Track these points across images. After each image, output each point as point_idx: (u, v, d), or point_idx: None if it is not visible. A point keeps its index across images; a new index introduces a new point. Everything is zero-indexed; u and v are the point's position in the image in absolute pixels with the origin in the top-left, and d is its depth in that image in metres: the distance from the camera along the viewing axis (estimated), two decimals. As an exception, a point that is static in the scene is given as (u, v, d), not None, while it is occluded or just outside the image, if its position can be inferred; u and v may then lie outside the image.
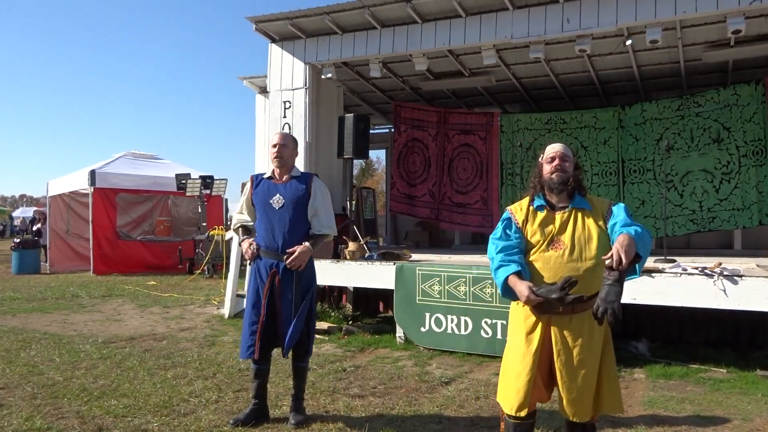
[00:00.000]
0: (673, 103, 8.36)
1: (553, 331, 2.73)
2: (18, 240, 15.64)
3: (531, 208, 2.87)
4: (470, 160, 9.67)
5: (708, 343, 5.88)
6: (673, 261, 5.74)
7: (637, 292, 5.19)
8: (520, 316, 2.83)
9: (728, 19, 6.07)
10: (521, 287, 2.66)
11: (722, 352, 5.63)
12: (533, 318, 2.76)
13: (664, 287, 5.13)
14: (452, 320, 5.91)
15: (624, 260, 2.44)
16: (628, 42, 7.06)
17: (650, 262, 5.72)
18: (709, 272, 5.02)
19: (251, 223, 4.10)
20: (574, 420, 2.72)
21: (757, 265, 5.82)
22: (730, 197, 7.92)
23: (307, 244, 3.86)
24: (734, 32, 6.18)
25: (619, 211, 2.75)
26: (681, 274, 5.13)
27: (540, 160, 2.93)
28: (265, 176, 4.02)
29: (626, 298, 5.20)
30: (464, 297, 5.87)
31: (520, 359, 2.76)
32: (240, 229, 4.17)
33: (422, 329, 6.08)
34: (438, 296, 6.01)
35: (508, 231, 2.87)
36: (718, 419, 3.97)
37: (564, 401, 2.72)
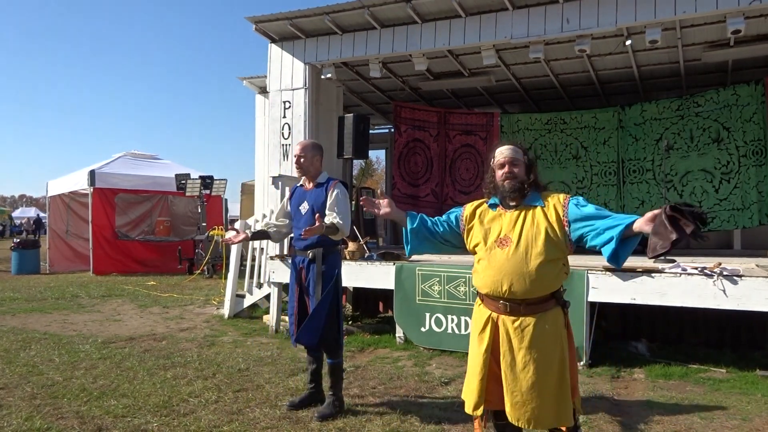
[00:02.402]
0: (673, 103, 8.37)
1: (501, 331, 2.69)
2: (18, 240, 15.62)
3: (484, 206, 2.87)
4: (472, 160, 9.68)
5: (708, 343, 5.88)
6: (673, 261, 5.73)
7: (636, 292, 5.20)
8: (475, 315, 2.84)
9: (728, 19, 6.08)
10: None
11: (722, 352, 5.63)
12: (484, 317, 2.75)
13: (664, 287, 5.13)
14: (452, 320, 5.91)
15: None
16: (628, 42, 7.06)
17: (650, 262, 5.72)
18: (709, 272, 5.02)
19: (269, 229, 4.39)
20: (519, 424, 2.63)
21: (757, 265, 5.82)
22: (729, 197, 7.93)
23: (322, 224, 3.95)
24: (734, 32, 6.18)
25: (583, 204, 2.67)
26: (681, 274, 5.13)
27: (492, 163, 2.88)
28: (299, 184, 4.33)
29: (626, 298, 5.24)
30: (464, 297, 5.86)
31: (473, 358, 2.78)
32: (259, 231, 4.47)
33: (422, 329, 6.08)
34: (438, 296, 6.01)
35: (453, 215, 2.96)
36: (717, 419, 3.97)
37: (507, 405, 2.64)
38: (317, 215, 3.93)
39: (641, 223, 2.46)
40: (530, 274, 2.62)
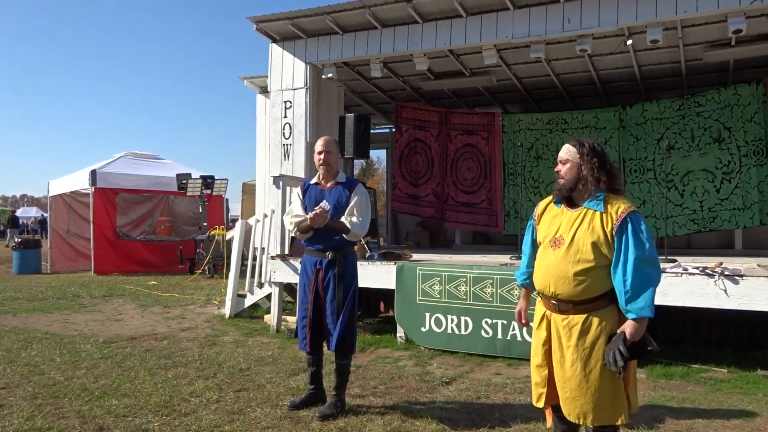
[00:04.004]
0: (674, 103, 8.36)
1: (552, 329, 2.76)
2: (19, 239, 15.64)
3: (551, 203, 2.88)
4: (474, 160, 9.67)
5: (709, 343, 5.87)
6: (674, 261, 5.73)
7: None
8: (535, 310, 2.92)
9: (729, 19, 6.07)
10: (519, 304, 3.10)
11: (723, 352, 5.63)
12: (540, 314, 2.85)
13: (665, 287, 5.12)
14: (452, 320, 5.91)
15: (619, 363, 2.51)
16: (629, 42, 7.06)
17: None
18: (710, 272, 5.01)
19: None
20: (570, 419, 2.70)
21: (758, 265, 5.82)
22: (730, 197, 7.92)
23: (326, 210, 3.88)
24: (735, 32, 6.18)
25: (630, 236, 2.57)
26: (682, 274, 5.12)
27: None
28: (312, 182, 4.16)
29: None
30: (465, 297, 5.86)
31: (533, 352, 2.89)
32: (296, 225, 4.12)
33: (423, 329, 6.08)
34: (438, 296, 6.01)
35: (530, 231, 2.99)
36: (718, 419, 3.96)
37: (561, 399, 2.73)
38: (319, 207, 3.83)
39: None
40: (575, 279, 2.64)
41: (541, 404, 2.82)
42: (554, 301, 2.73)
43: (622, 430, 3.78)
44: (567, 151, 2.78)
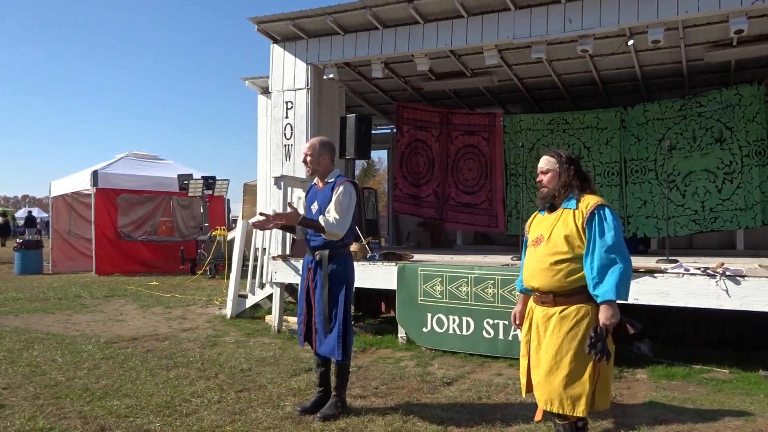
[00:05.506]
0: (676, 103, 8.35)
1: (534, 319, 3.03)
2: (20, 240, 15.66)
3: (537, 213, 3.17)
4: (475, 160, 9.67)
5: (710, 344, 5.87)
6: (675, 261, 5.73)
7: (639, 292, 5.18)
8: (527, 307, 3.16)
9: (730, 19, 6.07)
10: (516, 307, 3.29)
11: (724, 352, 5.61)
12: (528, 308, 3.12)
13: (667, 287, 5.12)
14: (454, 321, 5.91)
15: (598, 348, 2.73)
16: (630, 42, 7.06)
17: (652, 263, 5.72)
18: (712, 272, 5.00)
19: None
20: (539, 405, 2.90)
21: (760, 266, 5.80)
22: (732, 197, 7.91)
23: (297, 212, 4.01)
24: (737, 32, 6.17)
25: (597, 226, 2.83)
26: (683, 274, 5.12)
27: None
28: (313, 183, 4.28)
29: (629, 299, 5.21)
30: (466, 297, 5.86)
31: (521, 346, 3.13)
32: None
33: (424, 330, 6.08)
34: (440, 296, 6.01)
35: (525, 242, 3.22)
36: (720, 420, 3.96)
37: (533, 384, 2.99)
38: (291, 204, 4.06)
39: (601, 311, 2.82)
40: (551, 268, 2.89)
41: (524, 393, 3.11)
42: (537, 294, 2.98)
43: (624, 430, 3.79)
44: (547, 162, 3.07)
